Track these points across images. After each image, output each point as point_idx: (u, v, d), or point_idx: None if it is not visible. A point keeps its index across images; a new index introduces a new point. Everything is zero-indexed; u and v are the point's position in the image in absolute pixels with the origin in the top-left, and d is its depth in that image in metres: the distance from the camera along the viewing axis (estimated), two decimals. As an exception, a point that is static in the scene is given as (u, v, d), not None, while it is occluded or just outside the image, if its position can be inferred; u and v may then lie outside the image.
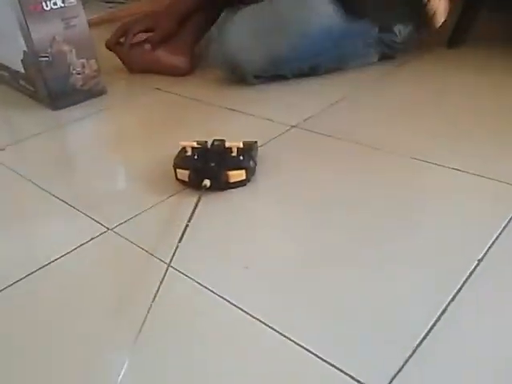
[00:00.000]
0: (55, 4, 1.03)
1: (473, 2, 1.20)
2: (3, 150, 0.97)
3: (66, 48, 1.08)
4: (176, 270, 0.63)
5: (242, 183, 0.77)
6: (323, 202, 0.73)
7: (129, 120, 1.08)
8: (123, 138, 1.02)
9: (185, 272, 0.62)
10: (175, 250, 0.64)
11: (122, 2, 1.86)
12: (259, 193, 0.77)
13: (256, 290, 0.59)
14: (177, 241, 0.65)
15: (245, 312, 0.56)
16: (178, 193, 0.79)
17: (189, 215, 0.70)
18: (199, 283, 0.61)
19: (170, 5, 1.21)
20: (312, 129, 0.93)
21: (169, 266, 0.62)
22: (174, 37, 1.21)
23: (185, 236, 0.66)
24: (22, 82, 1.18)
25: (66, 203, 0.79)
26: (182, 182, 0.79)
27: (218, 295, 0.59)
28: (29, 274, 0.65)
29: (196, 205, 0.71)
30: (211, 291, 0.59)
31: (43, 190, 0.83)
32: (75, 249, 0.69)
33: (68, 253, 0.68)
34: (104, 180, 0.86)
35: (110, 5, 1.83)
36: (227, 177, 0.76)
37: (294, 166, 0.83)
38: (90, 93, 1.14)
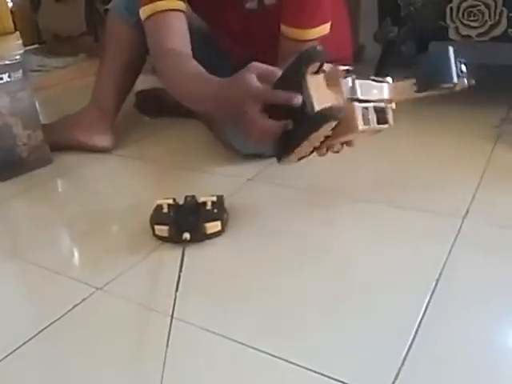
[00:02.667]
0: (1, 79, 1.05)
1: (383, 65, 1.43)
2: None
3: (11, 120, 1.09)
4: (178, 319, 0.66)
5: (218, 233, 0.83)
6: (293, 247, 0.82)
7: (84, 185, 1.10)
8: (82, 203, 1.03)
9: (188, 320, 0.66)
10: (175, 301, 0.68)
11: (47, 70, 1.87)
12: (235, 241, 0.84)
13: (258, 325, 0.65)
14: (173, 291, 0.69)
15: (260, 351, 0.61)
16: (157, 248, 0.83)
17: (175, 268, 0.74)
18: (204, 328, 0.65)
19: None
20: (266, 180, 1.03)
21: (172, 317, 0.65)
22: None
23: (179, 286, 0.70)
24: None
25: (46, 269, 0.79)
26: (160, 237, 0.84)
27: (226, 337, 0.63)
28: (21, 345, 0.64)
29: (183, 256, 0.76)
30: (218, 334, 0.63)
31: (17, 259, 0.82)
32: (67, 312, 0.69)
33: (59, 318, 0.68)
34: (76, 244, 0.88)
35: (37, 74, 1.85)
36: (205, 228, 0.82)
37: (261, 215, 0.91)
38: (35, 163, 1.14)
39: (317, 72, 0.76)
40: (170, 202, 0.85)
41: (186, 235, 0.81)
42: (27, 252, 0.84)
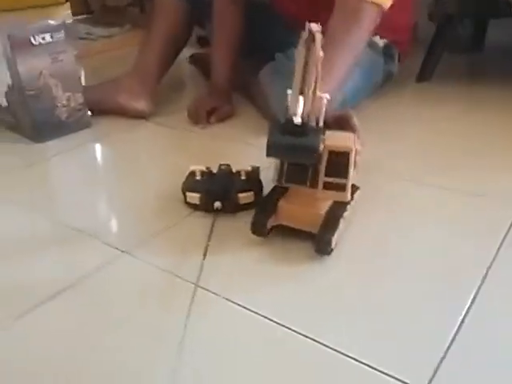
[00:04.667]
0: (43, 39, 1.04)
1: (436, 46, 1.34)
2: None
3: (52, 82, 1.08)
4: (203, 288, 0.64)
5: (250, 205, 0.80)
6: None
7: (120, 150, 1.09)
8: (117, 167, 1.03)
9: (212, 289, 0.64)
10: (201, 269, 0.65)
11: (93, 39, 1.88)
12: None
13: (287, 301, 0.62)
14: (200, 259, 0.67)
15: (283, 326, 0.58)
16: (188, 215, 0.80)
17: (204, 236, 0.72)
18: (229, 300, 0.62)
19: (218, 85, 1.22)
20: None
21: (196, 285, 0.63)
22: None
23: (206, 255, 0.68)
24: (2, 115, 1.16)
25: (75, 229, 0.78)
26: (192, 205, 0.81)
27: (251, 310, 0.60)
28: (49, 298, 0.64)
29: (212, 225, 0.73)
30: (243, 307, 0.61)
31: (47, 219, 0.82)
32: (92, 273, 0.68)
33: (85, 276, 0.68)
34: (107, 207, 0.86)
35: (83, 41, 1.85)
36: (237, 199, 0.79)
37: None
38: (74, 126, 1.14)
39: None
40: (204, 169, 0.83)
41: (218, 204, 0.78)
42: (59, 212, 0.84)
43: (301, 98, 0.58)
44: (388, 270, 0.67)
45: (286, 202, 0.72)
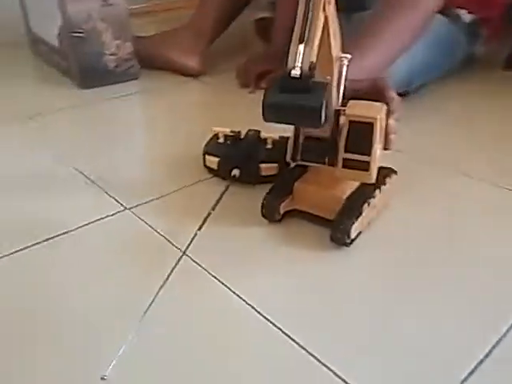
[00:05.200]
0: (95, -20, 1.00)
1: None
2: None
3: (101, 26, 1.04)
4: (191, 258, 0.58)
5: (273, 178, 0.71)
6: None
7: (161, 105, 1.03)
8: (153, 121, 0.98)
9: (200, 262, 0.57)
10: (193, 238, 0.59)
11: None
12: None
13: (272, 291, 0.54)
14: (196, 228, 0.60)
15: (257, 311, 0.51)
16: (204, 180, 0.74)
17: (213, 204, 0.64)
18: (213, 275, 0.56)
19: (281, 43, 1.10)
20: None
21: (184, 253, 0.57)
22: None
23: (205, 225, 0.60)
24: (56, 58, 1.15)
25: (88, 179, 0.74)
26: (211, 169, 0.74)
27: (231, 290, 0.53)
28: (41, 241, 0.61)
29: (222, 194, 0.65)
30: (224, 285, 0.54)
31: (64, 165, 0.78)
32: (89, 223, 0.64)
33: (81, 226, 0.64)
34: (129, 161, 0.81)
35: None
36: (259, 169, 0.71)
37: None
38: (122, 75, 1.10)
39: None
40: (227, 131, 0.75)
41: (236, 172, 0.70)
42: (79, 158, 0.80)
43: (301, 47, 0.48)
44: (417, 282, 0.56)
45: (303, 182, 0.63)
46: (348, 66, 0.59)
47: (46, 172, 0.77)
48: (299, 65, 0.47)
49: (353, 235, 0.58)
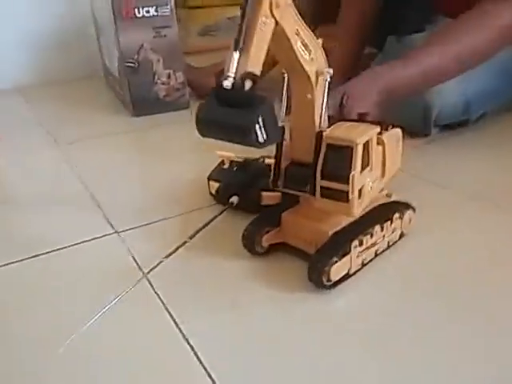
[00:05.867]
0: (148, 12, 1.03)
1: None
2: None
3: (153, 57, 1.07)
4: (150, 284, 0.54)
5: (277, 208, 0.65)
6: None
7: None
8: (189, 149, 0.96)
9: (157, 289, 0.53)
10: (157, 264, 0.54)
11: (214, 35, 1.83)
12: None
13: (217, 335, 0.47)
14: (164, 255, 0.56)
15: (194, 353, 0.44)
16: (205, 207, 0.69)
17: (207, 232, 0.59)
18: (164, 305, 0.51)
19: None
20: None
21: (144, 276, 0.54)
22: None
23: (185, 253, 0.56)
24: (117, 87, 1.20)
25: (93, 198, 0.74)
26: (213, 195, 0.70)
27: (176, 324, 0.48)
28: (26, 258, 0.61)
29: (208, 223, 0.60)
30: (171, 317, 0.49)
31: (81, 183, 0.79)
32: (76, 244, 0.63)
33: (67, 247, 0.63)
34: (142, 186, 0.80)
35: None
36: (259, 197, 0.65)
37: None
38: (172, 104, 1.11)
39: None
40: (233, 157, 0.70)
41: (234, 199, 0.65)
42: (93, 179, 0.80)
43: (235, 55, 0.41)
44: (400, 341, 0.46)
45: (291, 213, 0.56)
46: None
47: (60, 191, 0.78)
48: (232, 75, 0.41)
49: (334, 277, 0.50)
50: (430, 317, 0.47)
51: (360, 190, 0.49)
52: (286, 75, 0.52)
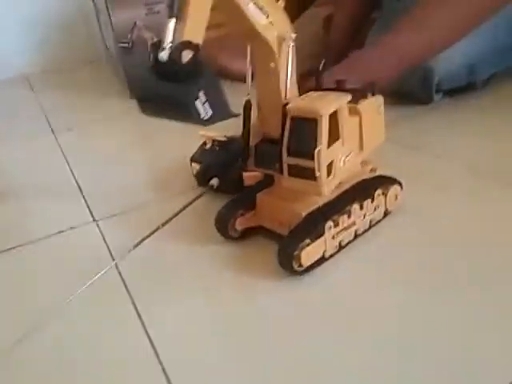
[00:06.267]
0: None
1: None
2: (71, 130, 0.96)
3: (147, 35, 1.03)
4: (120, 274, 0.51)
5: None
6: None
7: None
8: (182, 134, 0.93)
9: (124, 277, 0.51)
10: (128, 252, 0.52)
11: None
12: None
13: (181, 328, 0.44)
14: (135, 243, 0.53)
15: (152, 346, 0.42)
16: (188, 191, 0.66)
17: (185, 217, 0.56)
18: (130, 294, 0.48)
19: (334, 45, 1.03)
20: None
21: (113, 265, 0.51)
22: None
23: (153, 240, 0.53)
24: (116, 68, 1.17)
25: (76, 185, 0.72)
26: (196, 178, 0.66)
27: (140, 320, 0.45)
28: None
29: (182, 209, 0.57)
30: (135, 307, 0.46)
31: (70, 170, 0.77)
32: (52, 234, 0.61)
33: (45, 237, 0.61)
34: (131, 172, 0.77)
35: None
36: (241, 178, 0.61)
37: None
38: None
39: None
40: (215, 136, 0.66)
41: (214, 181, 0.61)
42: (81, 166, 0.79)
43: (171, 23, 0.38)
44: (378, 329, 0.42)
45: (266, 194, 0.52)
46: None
47: (48, 180, 0.76)
48: (168, 46, 0.37)
49: (306, 261, 0.46)
50: (413, 305, 0.43)
51: (330, 166, 0.44)
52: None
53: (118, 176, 0.75)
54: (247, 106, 0.49)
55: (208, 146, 0.67)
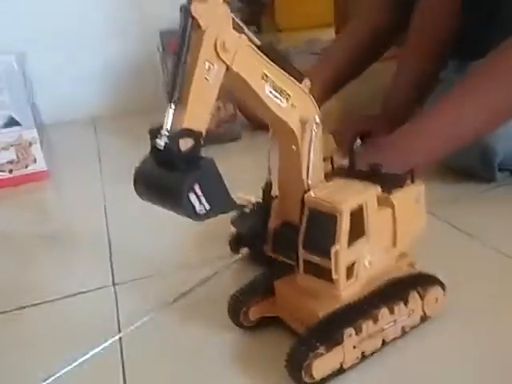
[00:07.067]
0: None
1: None
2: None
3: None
4: (121, 350, 0.48)
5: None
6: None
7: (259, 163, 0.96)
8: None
9: (126, 361, 0.47)
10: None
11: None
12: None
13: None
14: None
15: None
16: (223, 257, 0.61)
17: (204, 291, 0.53)
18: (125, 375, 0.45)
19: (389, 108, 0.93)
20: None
21: (119, 338, 0.49)
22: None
23: (163, 316, 0.50)
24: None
25: (109, 243, 0.71)
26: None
27: None
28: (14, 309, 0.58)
29: (199, 283, 0.53)
30: None
31: (106, 226, 0.76)
32: (70, 296, 0.59)
33: (62, 297, 0.59)
34: (166, 230, 0.75)
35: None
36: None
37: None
38: (221, 137, 1.06)
39: None
40: (252, 199, 0.62)
41: (244, 251, 0.57)
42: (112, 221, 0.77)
43: (170, 109, 0.34)
44: None
45: (285, 282, 0.46)
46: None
47: (83, 233, 0.76)
48: (165, 133, 0.34)
49: (318, 373, 0.40)
50: None
51: (351, 268, 0.39)
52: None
53: (152, 236, 0.73)
54: (267, 189, 0.45)
55: (248, 209, 0.63)
